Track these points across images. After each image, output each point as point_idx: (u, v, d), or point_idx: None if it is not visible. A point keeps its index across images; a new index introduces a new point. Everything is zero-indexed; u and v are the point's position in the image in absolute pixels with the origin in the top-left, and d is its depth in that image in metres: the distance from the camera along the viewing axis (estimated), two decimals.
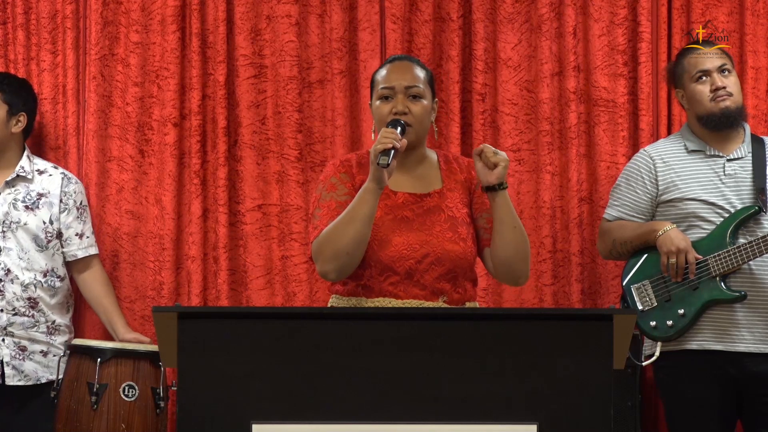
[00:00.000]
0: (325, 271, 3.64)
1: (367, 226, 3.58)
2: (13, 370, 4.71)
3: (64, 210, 4.83)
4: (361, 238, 3.59)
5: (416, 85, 3.74)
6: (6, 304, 4.71)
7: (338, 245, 3.59)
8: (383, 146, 3.54)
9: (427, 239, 3.68)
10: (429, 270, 3.67)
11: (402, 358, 3.10)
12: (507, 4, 5.03)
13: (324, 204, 3.72)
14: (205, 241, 5.02)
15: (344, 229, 3.58)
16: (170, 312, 3.13)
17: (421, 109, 3.73)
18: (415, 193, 3.74)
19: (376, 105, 3.75)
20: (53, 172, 4.87)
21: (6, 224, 4.75)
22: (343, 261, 3.60)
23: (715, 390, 4.38)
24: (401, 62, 3.81)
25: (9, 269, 4.73)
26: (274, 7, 5.07)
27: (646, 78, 4.96)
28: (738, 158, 4.48)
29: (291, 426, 3.08)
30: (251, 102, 5.05)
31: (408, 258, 3.66)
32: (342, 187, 3.73)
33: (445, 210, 3.73)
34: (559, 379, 3.10)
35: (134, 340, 4.70)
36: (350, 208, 3.59)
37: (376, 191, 3.57)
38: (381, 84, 3.75)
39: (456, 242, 3.69)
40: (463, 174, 3.82)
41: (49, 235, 4.80)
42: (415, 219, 3.70)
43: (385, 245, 3.66)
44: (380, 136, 3.57)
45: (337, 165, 3.79)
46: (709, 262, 4.37)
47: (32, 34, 5.12)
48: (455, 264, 3.69)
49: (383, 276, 3.66)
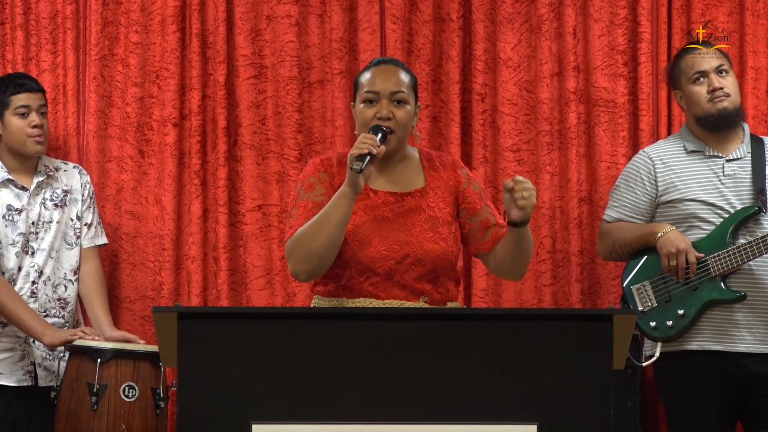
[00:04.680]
0: (296, 272, 3.64)
1: (340, 230, 3.58)
2: (45, 371, 4.70)
3: (84, 203, 4.84)
4: (334, 241, 3.58)
5: (401, 90, 3.73)
6: (39, 306, 4.71)
7: (310, 248, 3.58)
8: (359, 151, 3.53)
9: (407, 239, 3.68)
10: (409, 270, 3.67)
11: (402, 359, 3.11)
12: (507, 5, 5.04)
13: (301, 203, 3.72)
14: (205, 241, 5.02)
15: (317, 232, 3.58)
16: (170, 312, 3.14)
17: (405, 114, 3.73)
18: (395, 193, 3.74)
19: (359, 108, 3.75)
20: (67, 167, 4.88)
21: (39, 225, 4.75)
22: (314, 263, 3.61)
23: (715, 390, 4.38)
24: (386, 66, 3.80)
25: (42, 270, 4.73)
26: (274, 7, 5.07)
27: (646, 78, 4.96)
28: (737, 159, 4.48)
29: (291, 426, 3.08)
30: (251, 102, 5.05)
31: (388, 258, 3.66)
32: (320, 187, 3.73)
33: (426, 209, 3.73)
34: (559, 379, 3.10)
35: (121, 339, 4.66)
36: (324, 212, 3.58)
37: (352, 196, 3.56)
38: (366, 87, 3.74)
39: (436, 242, 3.69)
40: (446, 173, 3.82)
41: (77, 231, 4.81)
42: (395, 219, 3.70)
43: (365, 246, 3.66)
44: (358, 141, 3.56)
45: (317, 164, 3.79)
46: (709, 263, 4.37)
47: (32, 35, 5.11)
48: (436, 264, 3.69)
49: (363, 277, 3.67)
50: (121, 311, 5.02)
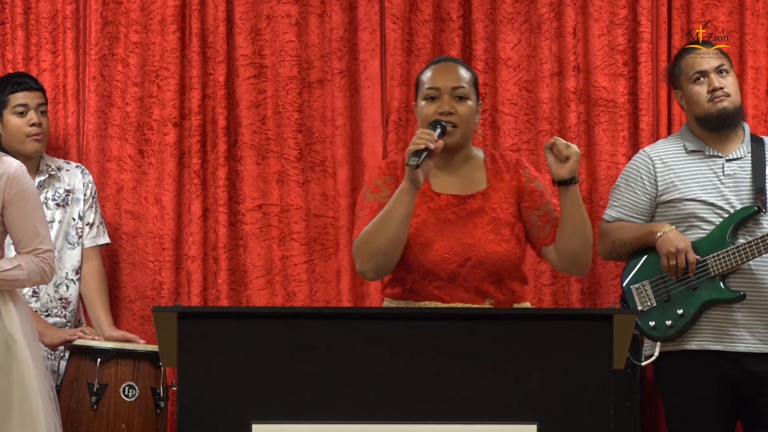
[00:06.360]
0: (363, 271, 3.68)
1: (403, 226, 3.60)
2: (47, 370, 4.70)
3: (86, 203, 4.84)
4: (398, 238, 3.61)
5: (462, 85, 3.76)
6: (40, 305, 4.71)
7: (374, 246, 3.62)
8: (415, 147, 3.56)
9: (469, 242, 3.69)
10: (472, 273, 3.69)
11: (402, 358, 3.11)
12: (507, 4, 5.03)
13: (367, 205, 3.74)
14: (205, 241, 5.02)
15: (380, 230, 3.61)
16: (170, 312, 3.14)
17: (467, 109, 3.75)
18: (458, 195, 3.75)
19: (421, 105, 3.78)
20: (69, 167, 4.88)
21: None
22: (379, 261, 3.63)
23: (715, 390, 4.38)
24: (447, 63, 3.83)
25: None
26: (274, 7, 5.07)
27: (646, 78, 4.96)
28: (737, 158, 4.48)
29: (291, 426, 3.08)
30: (251, 102, 5.05)
31: (450, 262, 3.68)
32: (385, 189, 3.75)
33: (489, 211, 3.75)
34: (559, 379, 3.10)
35: (121, 338, 4.66)
36: (386, 209, 3.62)
37: (412, 191, 3.59)
38: (427, 84, 3.77)
39: (499, 244, 3.71)
40: (509, 173, 3.83)
41: (79, 231, 4.81)
42: (458, 222, 3.72)
43: (427, 249, 3.68)
44: (415, 137, 3.59)
45: (383, 168, 3.82)
46: (709, 262, 4.37)
47: (32, 34, 5.11)
48: (498, 266, 3.71)
49: (427, 280, 3.69)
50: (121, 311, 5.02)
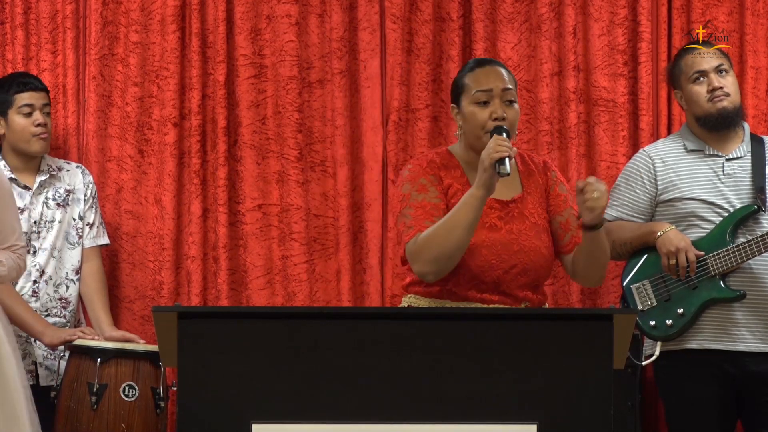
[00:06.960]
0: (424, 273, 3.66)
1: (471, 232, 3.59)
2: (47, 370, 4.70)
3: (87, 203, 4.84)
4: (464, 243, 3.60)
5: (510, 87, 3.74)
6: (40, 306, 4.71)
7: (440, 250, 3.59)
8: (500, 155, 3.53)
9: (515, 249, 3.70)
10: (515, 279, 3.71)
11: (402, 358, 3.11)
12: (507, 4, 5.03)
13: (416, 204, 3.70)
14: (205, 241, 5.02)
15: (448, 234, 3.58)
16: (170, 312, 3.14)
17: (515, 114, 3.74)
18: (500, 200, 3.75)
19: (470, 110, 3.73)
20: (70, 167, 4.88)
21: (41, 224, 4.75)
22: (443, 264, 3.62)
23: (715, 389, 4.38)
24: (492, 66, 3.80)
25: (43, 270, 4.73)
26: (274, 7, 5.07)
27: (646, 78, 4.96)
28: (737, 158, 4.48)
29: (291, 426, 3.08)
30: (251, 102, 5.05)
31: (496, 268, 3.69)
32: (433, 189, 3.72)
33: (528, 216, 3.76)
34: (559, 379, 3.10)
35: (121, 338, 4.66)
36: (455, 214, 3.59)
37: (485, 198, 3.57)
38: (476, 87, 3.73)
39: (541, 251, 3.73)
40: (539, 176, 3.84)
41: (79, 231, 4.81)
42: (503, 227, 3.72)
43: (474, 254, 3.67)
44: (494, 145, 3.55)
45: (424, 167, 3.78)
46: (709, 261, 4.37)
47: (32, 34, 5.11)
48: (539, 273, 3.75)
49: (471, 283, 3.69)
50: (121, 311, 5.02)
